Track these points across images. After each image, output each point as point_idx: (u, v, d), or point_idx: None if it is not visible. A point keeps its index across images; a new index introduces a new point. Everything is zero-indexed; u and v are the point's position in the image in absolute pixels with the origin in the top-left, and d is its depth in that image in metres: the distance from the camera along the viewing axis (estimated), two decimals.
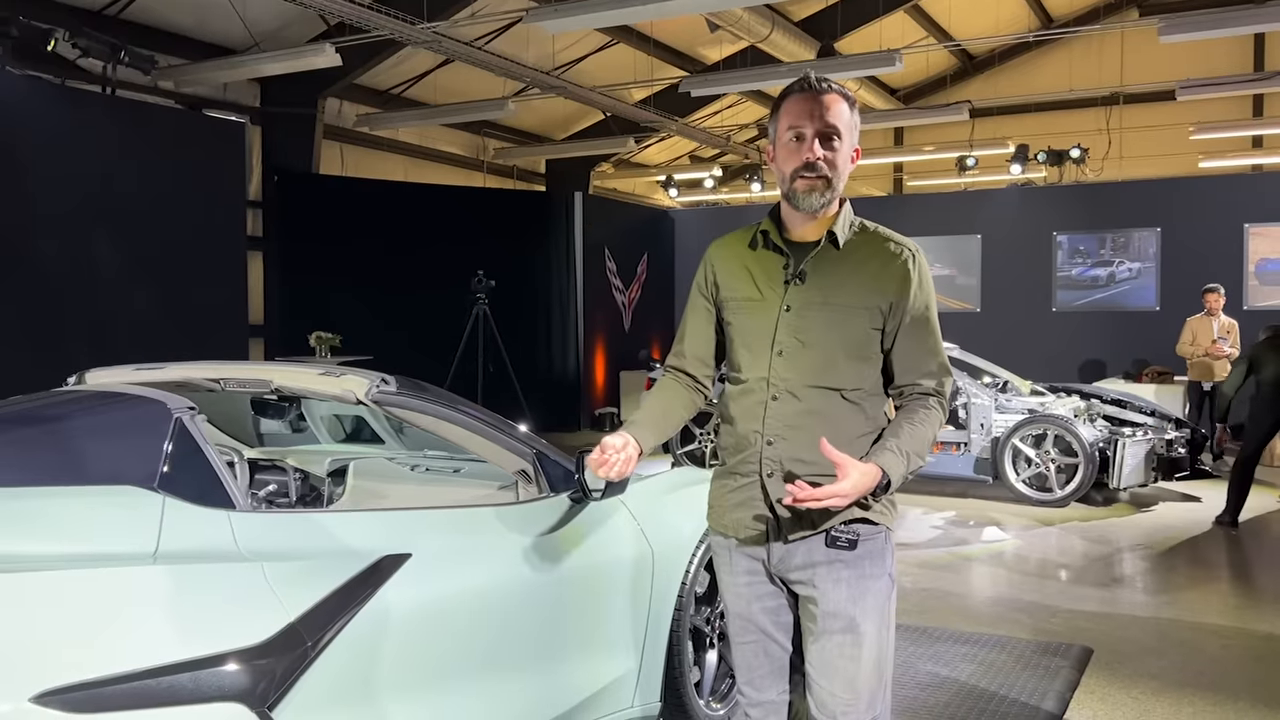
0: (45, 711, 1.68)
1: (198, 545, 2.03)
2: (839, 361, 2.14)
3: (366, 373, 2.80)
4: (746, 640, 2.27)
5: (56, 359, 7.88)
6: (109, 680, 1.76)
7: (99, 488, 2.04)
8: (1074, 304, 12.64)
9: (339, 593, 2.16)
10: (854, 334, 2.15)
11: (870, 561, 2.16)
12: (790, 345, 2.15)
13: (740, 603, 2.26)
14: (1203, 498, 8.47)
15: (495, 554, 2.69)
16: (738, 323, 2.25)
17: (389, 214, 12.38)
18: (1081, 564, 6.44)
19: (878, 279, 2.15)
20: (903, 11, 14.26)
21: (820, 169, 2.12)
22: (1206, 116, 14.75)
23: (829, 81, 2.17)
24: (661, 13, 9.49)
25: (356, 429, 4.10)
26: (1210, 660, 4.56)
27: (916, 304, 2.17)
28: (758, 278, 2.22)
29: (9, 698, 1.67)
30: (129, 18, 10.44)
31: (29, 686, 1.68)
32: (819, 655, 2.16)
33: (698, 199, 18.52)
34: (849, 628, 2.13)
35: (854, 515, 2.14)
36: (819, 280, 2.16)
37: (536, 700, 2.75)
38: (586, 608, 2.95)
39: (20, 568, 1.81)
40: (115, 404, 2.31)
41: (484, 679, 2.58)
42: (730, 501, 2.24)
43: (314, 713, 2.06)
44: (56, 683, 1.70)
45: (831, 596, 2.14)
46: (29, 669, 1.71)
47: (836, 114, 2.14)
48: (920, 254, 2.21)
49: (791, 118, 2.16)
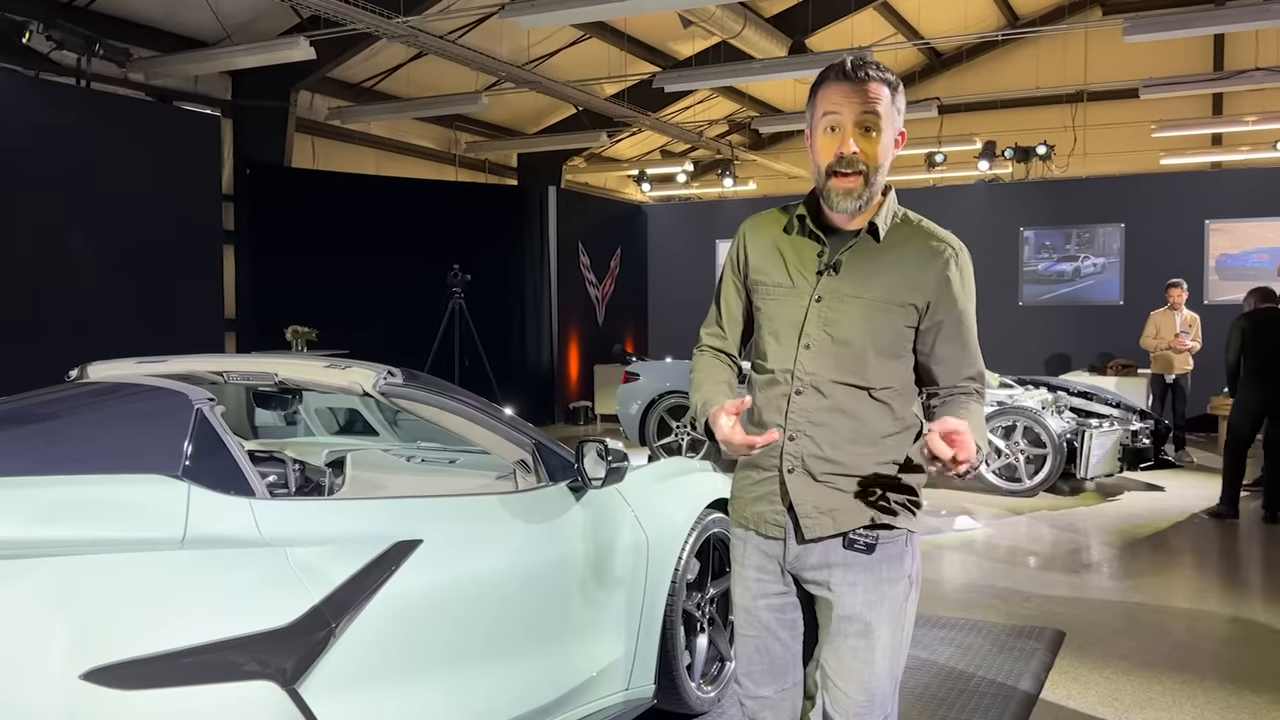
0: (94, 687, 1.75)
1: (223, 531, 2.10)
2: (869, 358, 2.05)
3: (373, 365, 2.86)
4: (749, 634, 2.21)
5: (33, 352, 7.84)
6: (150, 659, 1.83)
7: (127, 476, 2.09)
8: (1040, 298, 12.88)
9: (357, 576, 2.24)
10: (886, 331, 2.06)
11: (888, 565, 2.09)
12: (819, 338, 2.06)
13: (746, 596, 2.20)
14: (1166, 487, 8.70)
15: (500, 540, 2.77)
16: (766, 309, 2.15)
17: (363, 208, 12.36)
18: (1051, 551, 6.61)
19: (917, 276, 2.05)
20: (872, 9, 14.42)
21: (857, 164, 2.00)
22: (1168, 115, 15.06)
23: (868, 67, 2.02)
24: (637, 9, 9.58)
25: (349, 421, 4.16)
26: (1177, 642, 4.73)
27: (957, 305, 2.07)
28: (790, 264, 2.12)
29: (62, 674, 1.73)
30: (98, 9, 10.34)
31: (78, 664, 1.75)
32: (834, 656, 2.11)
33: (669, 194, 18.61)
34: (864, 632, 2.08)
35: (876, 521, 2.07)
36: (854, 272, 2.06)
37: (539, 681, 2.83)
38: (586, 592, 3.04)
39: (59, 552, 1.87)
40: (138, 396, 2.37)
41: (489, 660, 2.66)
42: (752, 495, 2.18)
43: (335, 689, 2.13)
44: (102, 660, 1.77)
45: (847, 601, 2.09)
46: (77, 647, 1.77)
47: (876, 102, 2.00)
48: (964, 252, 2.12)
49: (827, 105, 2.03)
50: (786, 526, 2.12)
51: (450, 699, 2.50)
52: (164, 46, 11.01)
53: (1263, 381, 7.33)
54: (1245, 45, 14.61)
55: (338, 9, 9.29)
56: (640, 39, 14.40)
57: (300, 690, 2.04)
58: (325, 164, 13.62)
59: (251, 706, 1.97)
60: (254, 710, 1.98)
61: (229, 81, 12.30)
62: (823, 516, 2.08)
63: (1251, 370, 7.37)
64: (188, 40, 11.28)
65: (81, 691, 1.74)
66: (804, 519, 2.09)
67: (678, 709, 3.52)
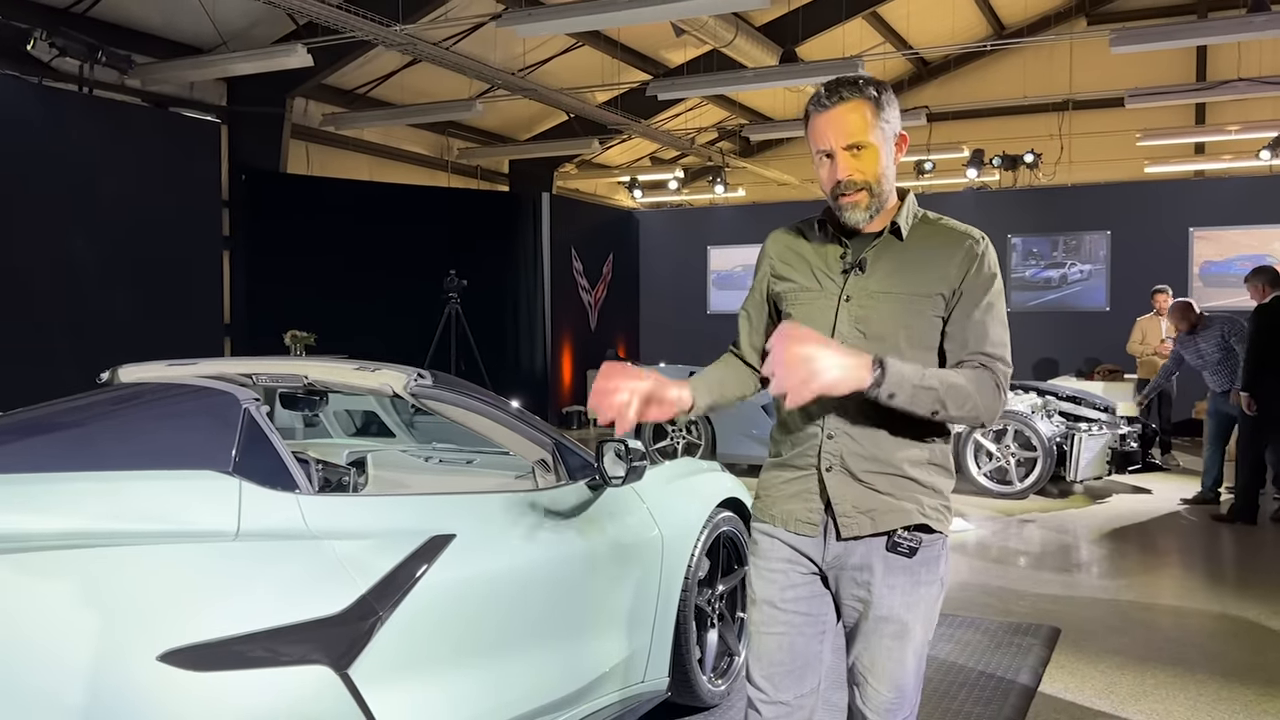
0: (169, 668, 1.85)
1: (272, 525, 2.20)
2: (903, 352, 2.05)
3: (401, 367, 2.96)
4: (772, 630, 2.17)
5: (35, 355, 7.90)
6: (217, 643, 1.93)
7: (181, 472, 2.19)
8: (1028, 304, 13.06)
9: (398, 568, 2.34)
10: (918, 323, 2.08)
11: (925, 569, 2.11)
12: (852, 336, 2.08)
13: (772, 590, 2.17)
14: (1153, 489, 8.87)
15: (526, 536, 2.87)
16: (796, 313, 2.17)
17: (358, 213, 12.43)
18: (1042, 551, 6.75)
19: (942, 267, 2.09)
20: (861, 19, 14.60)
21: (855, 184, 2.06)
22: (1152, 123, 15.30)
23: (842, 89, 2.06)
24: (633, 19, 9.68)
25: (366, 424, 4.25)
26: (1168, 638, 4.86)
27: (977, 287, 2.08)
28: (815, 267, 2.16)
29: (141, 655, 1.84)
30: (97, 15, 10.40)
31: (155, 646, 1.85)
32: (868, 654, 2.13)
33: (661, 200, 18.74)
34: (899, 633, 2.10)
35: (915, 522, 2.09)
36: (880, 270, 2.10)
37: (562, 671, 2.93)
38: (605, 587, 3.14)
39: (123, 543, 1.97)
40: (188, 396, 2.46)
41: (516, 650, 2.76)
42: (784, 493, 2.17)
43: (381, 674, 2.24)
44: (176, 643, 1.87)
45: (886, 601, 2.10)
46: (152, 631, 1.87)
47: (857, 123, 2.05)
48: (986, 242, 2.14)
49: (815, 139, 2.10)
50: (823, 525, 2.12)
51: (482, 685, 2.60)
52: (161, 53, 11.07)
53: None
54: (1228, 56, 14.86)
55: (336, 16, 9.38)
56: (632, 47, 14.54)
57: (351, 674, 2.14)
58: (319, 170, 13.69)
59: (308, 689, 2.08)
60: (311, 692, 2.08)
61: (224, 88, 12.36)
62: (861, 516, 2.09)
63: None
64: (184, 47, 11.34)
65: (160, 671, 1.84)
66: (842, 518, 2.10)
67: (690, 701, 3.63)
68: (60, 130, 8.28)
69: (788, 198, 18.41)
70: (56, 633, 1.79)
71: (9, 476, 2.09)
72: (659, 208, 18.39)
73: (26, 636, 1.77)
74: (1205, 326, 7.90)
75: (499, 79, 12.27)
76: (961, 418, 2.03)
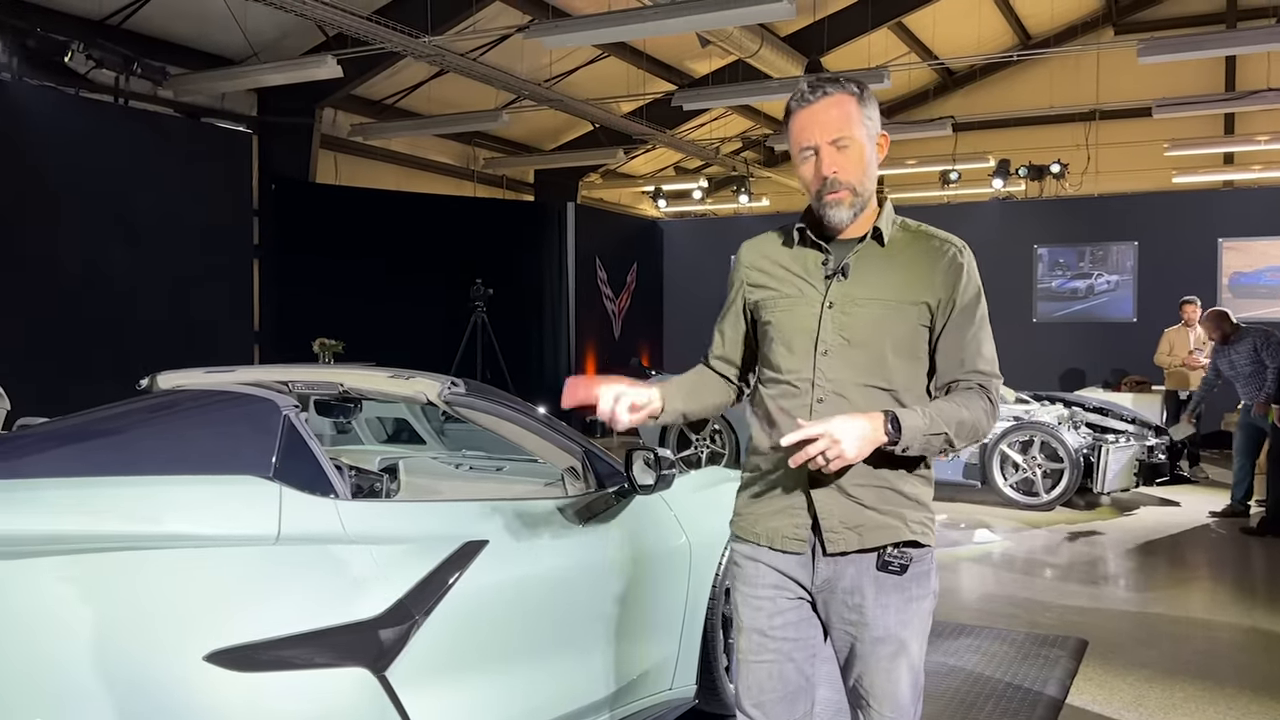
0: (215, 668, 1.90)
1: (312, 529, 2.25)
2: (888, 359, 2.04)
3: (435, 375, 3.01)
4: (762, 659, 2.12)
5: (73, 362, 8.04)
6: (260, 644, 1.98)
7: (223, 477, 2.24)
8: (1054, 315, 13.00)
9: (434, 573, 2.39)
10: (902, 331, 2.06)
11: (916, 584, 2.09)
12: (836, 343, 2.05)
13: (760, 617, 2.12)
14: (1181, 502, 8.80)
15: (557, 542, 2.90)
16: (777, 321, 2.12)
17: (386, 223, 12.55)
18: (1069, 563, 6.72)
19: (926, 275, 2.07)
20: (886, 28, 14.60)
21: (840, 182, 2.03)
22: (1180, 133, 15.19)
23: (825, 85, 2.05)
24: (659, 30, 9.75)
25: (397, 431, 4.31)
26: (1197, 651, 4.83)
27: (964, 300, 2.08)
28: (796, 273, 2.12)
29: (188, 655, 1.89)
30: (132, 28, 10.57)
31: (201, 646, 1.90)
32: (869, 678, 2.09)
33: (684, 209, 18.79)
34: (897, 652, 2.07)
35: (904, 539, 2.06)
36: (863, 276, 2.07)
37: (593, 676, 2.96)
38: (634, 594, 3.17)
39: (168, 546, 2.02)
40: (229, 403, 2.52)
41: (546, 655, 2.79)
42: (766, 509, 2.12)
43: (418, 677, 2.28)
44: (221, 644, 1.92)
45: (881, 623, 2.06)
46: (198, 632, 1.92)
47: (841, 117, 2.03)
48: (967, 251, 2.13)
49: (798, 136, 2.07)
50: (811, 541, 2.07)
51: (512, 690, 2.63)
52: (194, 64, 11.23)
53: None
54: (1257, 66, 14.74)
55: (365, 28, 9.50)
56: (658, 57, 14.60)
57: (388, 676, 2.19)
58: (347, 179, 13.82)
59: (348, 691, 2.13)
60: (349, 694, 2.13)
61: (254, 98, 12.52)
62: (849, 532, 2.05)
63: None
64: (216, 58, 11.50)
65: (207, 671, 1.89)
66: (829, 533, 2.05)
67: (717, 709, 3.65)
68: (97, 141, 8.44)
69: None
70: (107, 632, 1.84)
71: (59, 481, 2.15)
72: (683, 217, 18.43)
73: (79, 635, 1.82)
74: (1239, 338, 7.84)
75: (525, 90, 12.36)
76: (965, 446, 2.07)
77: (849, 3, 13.75)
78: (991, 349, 2.12)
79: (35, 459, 2.27)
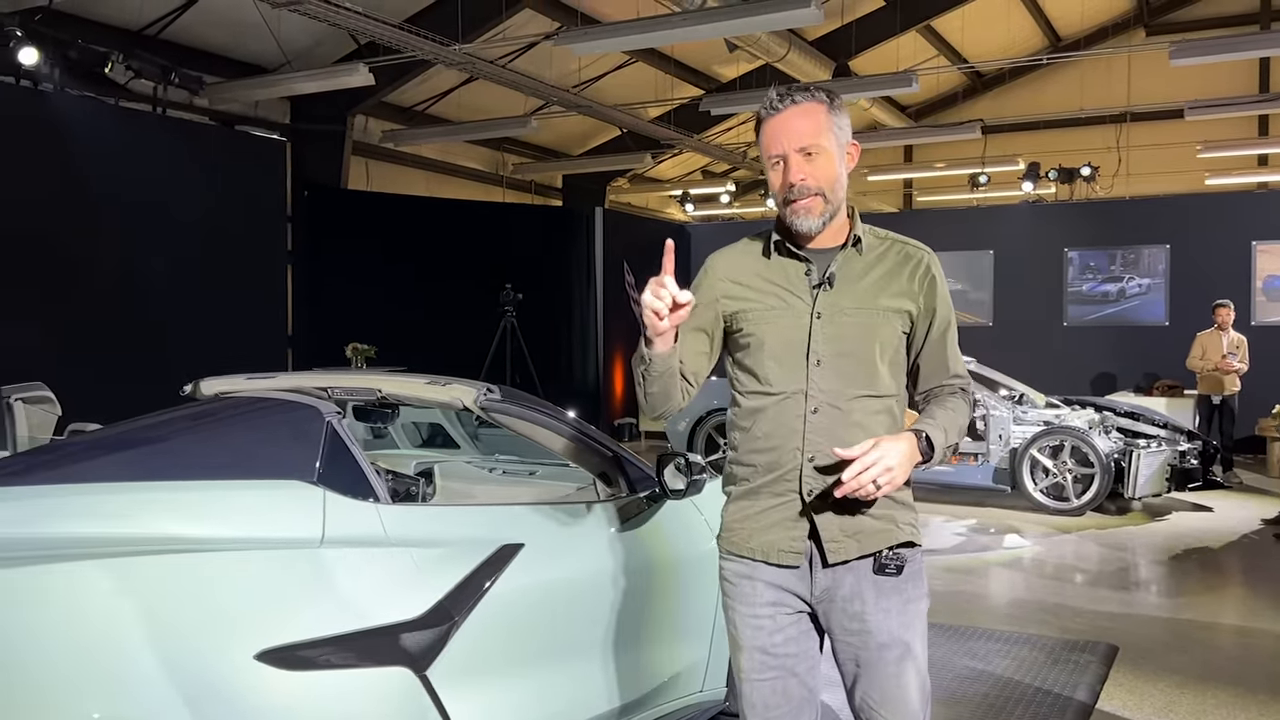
0: (264, 667, 1.98)
1: (355, 532, 2.31)
2: (879, 367, 2.06)
3: (471, 382, 3.07)
4: (764, 677, 2.10)
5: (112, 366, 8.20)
6: (307, 644, 2.05)
7: (269, 482, 2.32)
8: (1085, 319, 12.92)
9: (472, 575, 2.45)
10: (890, 338, 2.08)
11: (912, 584, 2.09)
12: (828, 354, 2.05)
13: (760, 636, 2.09)
14: (1215, 508, 8.73)
15: (590, 546, 2.96)
16: (760, 333, 2.10)
17: (416, 228, 12.68)
18: (1100, 569, 6.70)
19: (906, 283, 2.10)
20: (915, 31, 14.58)
21: (807, 188, 2.03)
22: (1213, 135, 15.06)
23: (794, 94, 2.05)
24: (688, 36, 9.80)
25: (431, 435, 4.38)
26: (1229, 658, 4.82)
27: (942, 307, 2.13)
28: (778, 284, 2.10)
29: (240, 654, 1.96)
30: (168, 37, 10.76)
31: (251, 646, 1.98)
32: (878, 686, 2.06)
33: (712, 213, 18.83)
34: (902, 656, 2.06)
35: (900, 540, 2.07)
36: (847, 285, 2.07)
37: (623, 680, 3.01)
38: (666, 598, 3.21)
39: (217, 548, 2.10)
40: (273, 409, 2.60)
41: (582, 656, 2.85)
42: (760, 523, 2.09)
43: (457, 677, 2.35)
44: (270, 644, 2.00)
45: (884, 627, 2.05)
46: (248, 631, 2.00)
47: (810, 126, 2.03)
48: (935, 257, 2.17)
49: (768, 144, 2.06)
50: (807, 553, 2.06)
51: (546, 690, 2.69)
52: (228, 73, 11.42)
53: None
54: None
55: (396, 36, 9.62)
56: (686, 62, 14.67)
57: (429, 676, 2.25)
58: (377, 185, 13.99)
59: (390, 689, 2.20)
60: (391, 693, 2.20)
61: (287, 106, 12.70)
62: (849, 540, 2.04)
63: None
64: (250, 66, 11.68)
65: (257, 670, 1.97)
66: (829, 543, 2.04)
67: None
68: (135, 149, 8.62)
69: None
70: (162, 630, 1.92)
71: (114, 486, 2.23)
72: (711, 221, 18.48)
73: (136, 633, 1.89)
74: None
75: (554, 95, 12.47)
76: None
77: (877, 6, 13.75)
78: (958, 350, 2.19)
79: (90, 465, 2.35)
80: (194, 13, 10.49)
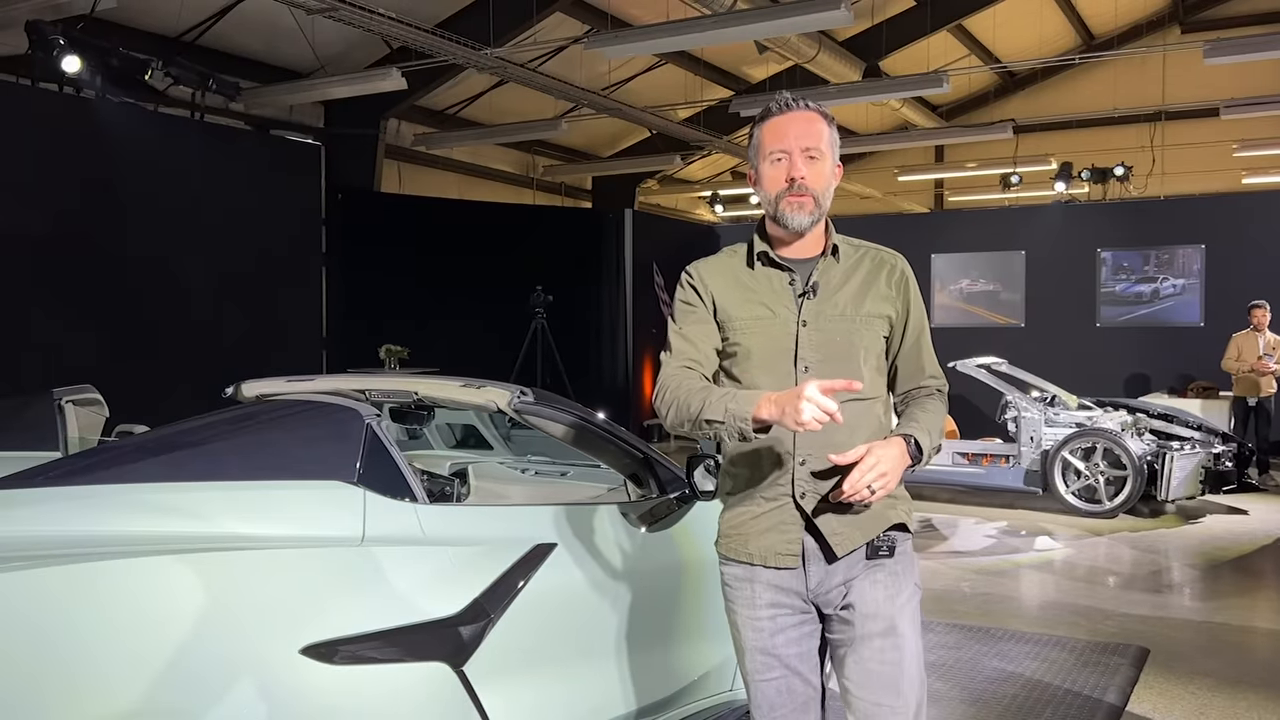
0: (310, 661, 2.06)
1: (394, 532, 2.38)
2: (865, 371, 2.13)
3: (505, 384, 3.14)
4: (769, 677, 2.16)
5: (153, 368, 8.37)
6: (349, 639, 2.13)
7: (311, 482, 2.39)
8: (1118, 319, 12.81)
9: (507, 574, 2.52)
10: (873, 343, 2.16)
11: (903, 566, 2.16)
12: (815, 360, 2.11)
13: (762, 637, 2.15)
14: (1250, 510, 8.65)
15: (621, 546, 3.01)
16: (748, 343, 2.16)
17: (448, 230, 12.80)
18: (1132, 571, 6.67)
19: (882, 287, 2.18)
20: (946, 31, 14.53)
21: (806, 187, 2.11)
22: (1249, 134, 14.88)
23: (804, 100, 2.17)
24: (718, 39, 9.84)
25: (465, 437, 4.46)
26: (1263, 662, 4.79)
27: (916, 310, 2.22)
28: (763, 294, 2.16)
29: (285, 648, 2.04)
30: (205, 44, 10.95)
31: (296, 640, 2.05)
32: (857, 667, 2.11)
33: (741, 214, 18.85)
34: (888, 630, 2.09)
35: (893, 523, 2.14)
36: (829, 293, 2.15)
37: (653, 678, 3.06)
38: (696, 597, 3.26)
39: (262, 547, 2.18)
40: (315, 412, 2.67)
41: (611, 655, 2.90)
42: (756, 528, 2.14)
43: (493, 673, 2.42)
44: (314, 639, 2.07)
45: (869, 597, 2.10)
46: (292, 626, 2.07)
47: (817, 132, 2.14)
48: (906, 261, 2.25)
49: (773, 139, 2.14)
50: (805, 552, 2.11)
51: (581, 686, 2.75)
52: (263, 78, 11.60)
53: None
54: None
55: (429, 41, 9.74)
56: (715, 64, 14.70)
57: (466, 671, 2.32)
58: (409, 188, 14.14)
59: (428, 684, 2.27)
60: (430, 687, 2.27)
61: (321, 110, 12.88)
62: (850, 530, 2.10)
63: None
64: (285, 72, 11.86)
65: (302, 664, 2.04)
66: (832, 537, 2.09)
67: None
68: (174, 154, 8.80)
69: (869, 210, 18.35)
70: (212, 625, 1.99)
71: (163, 486, 2.32)
72: (740, 222, 18.49)
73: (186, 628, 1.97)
74: None
75: (584, 98, 12.54)
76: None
77: (908, 6, 13.71)
78: (932, 348, 2.28)
79: (140, 465, 2.44)
80: (230, 19, 10.67)
